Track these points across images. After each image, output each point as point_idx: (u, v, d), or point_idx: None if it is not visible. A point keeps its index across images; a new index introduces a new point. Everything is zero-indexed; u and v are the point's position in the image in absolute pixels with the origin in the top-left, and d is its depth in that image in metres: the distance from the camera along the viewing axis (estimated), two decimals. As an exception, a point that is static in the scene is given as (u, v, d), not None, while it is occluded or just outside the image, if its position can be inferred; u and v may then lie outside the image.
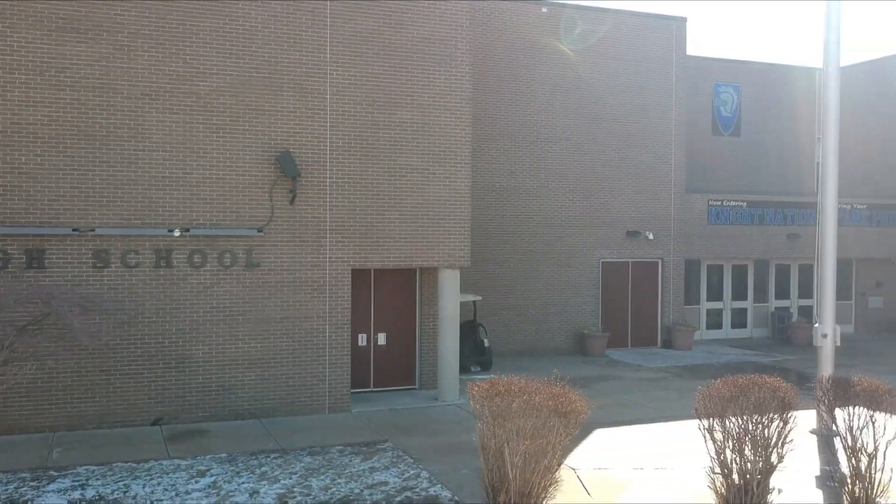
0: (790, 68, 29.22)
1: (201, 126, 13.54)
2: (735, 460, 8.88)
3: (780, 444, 8.75)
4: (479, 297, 19.50)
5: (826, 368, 13.24)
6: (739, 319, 25.52)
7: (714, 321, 25.17)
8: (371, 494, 10.08)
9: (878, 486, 9.02)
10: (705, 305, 25.04)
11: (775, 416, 8.64)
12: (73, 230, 12.79)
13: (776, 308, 25.74)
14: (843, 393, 9.07)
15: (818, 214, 13.56)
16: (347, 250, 14.44)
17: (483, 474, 8.85)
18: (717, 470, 9.05)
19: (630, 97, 22.53)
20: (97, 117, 12.99)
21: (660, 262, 22.92)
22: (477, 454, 9.21)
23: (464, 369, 18.77)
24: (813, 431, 13.18)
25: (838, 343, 13.45)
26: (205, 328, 13.60)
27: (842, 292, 26.65)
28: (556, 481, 8.88)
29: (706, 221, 23.52)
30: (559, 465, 8.73)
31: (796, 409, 8.91)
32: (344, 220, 14.39)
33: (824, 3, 13.07)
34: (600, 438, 12.88)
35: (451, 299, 15.40)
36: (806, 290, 26.57)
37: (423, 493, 10.14)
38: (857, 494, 9.00)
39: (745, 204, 23.93)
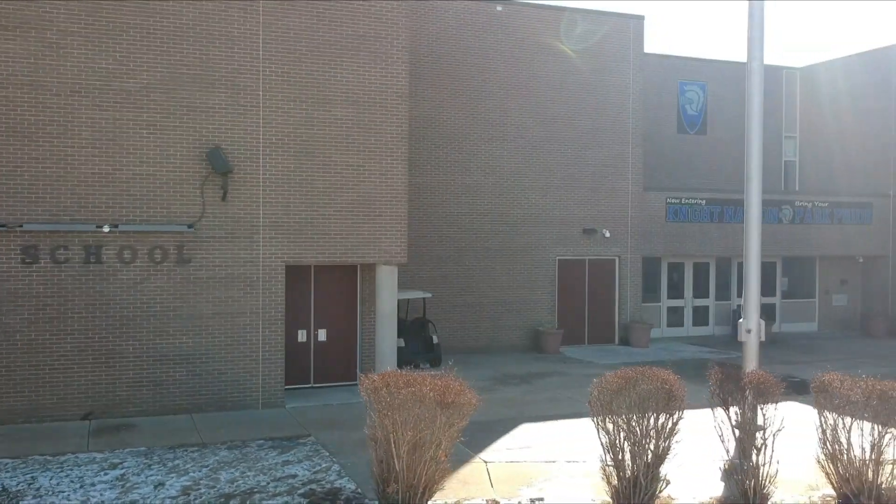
0: (757, 67, 29.25)
1: (131, 123, 13.62)
2: (625, 452, 8.94)
3: (663, 436, 8.81)
4: (430, 294, 19.59)
5: (750, 363, 13.24)
6: (701, 317, 25.58)
7: (675, 319, 25.24)
8: (276, 486, 10.15)
9: (766, 479, 9.09)
10: (666, 303, 25.10)
11: (660, 407, 8.70)
12: (0, 226, 12.86)
13: (738, 306, 25.77)
14: (733, 386, 9.12)
15: (745, 211, 13.59)
16: (281, 246, 14.51)
17: (373, 465, 8.91)
18: (610, 462, 9.10)
19: (587, 95, 22.60)
20: (25, 114, 13.07)
21: (617, 259, 22.98)
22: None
23: (414, 366, 18.85)
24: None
25: (763, 339, 13.43)
26: (135, 323, 13.67)
27: (806, 290, 26.82)
28: (447, 472, 8.93)
29: (664, 219, 23.59)
30: (447, 456, 8.77)
31: (682, 400, 8.96)
32: (277, 217, 14.47)
33: (747, 2, 13.11)
34: (523, 432, 12.97)
35: (388, 295, 15.47)
36: (768, 288, 26.65)
37: (328, 486, 10.21)
38: (745, 486, 9.06)
39: (703, 202, 23.99)
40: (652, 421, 8.77)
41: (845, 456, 9.09)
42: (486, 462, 11.29)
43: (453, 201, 21.37)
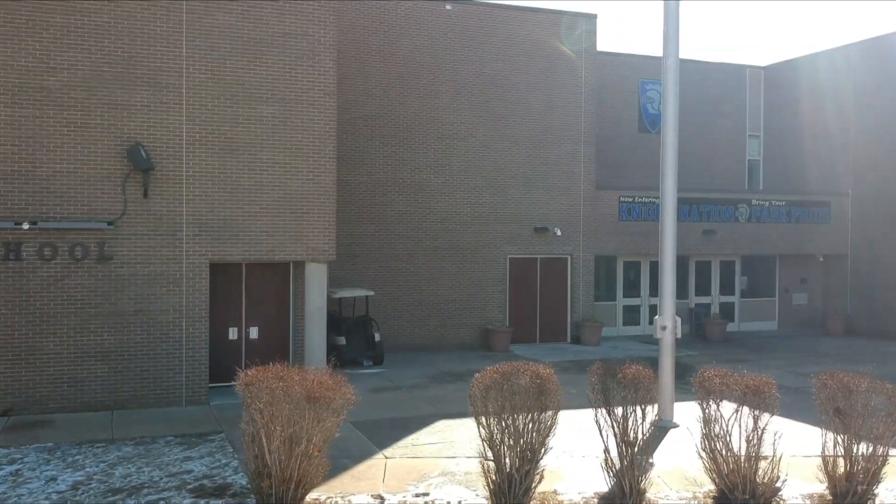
0: (720, 65, 29.37)
1: (52, 120, 13.64)
2: (502, 447, 8.96)
3: (537, 432, 8.82)
4: (372, 293, 19.62)
5: (666, 360, 13.34)
6: (658, 316, 25.54)
7: (631, 317, 25.24)
8: (168, 482, 10.18)
9: (642, 474, 9.11)
10: (622, 301, 25.11)
11: (532, 402, 8.72)
12: (-84, 223, 12.90)
13: (696, 304, 25.81)
14: (610, 380, 9.15)
15: (660, 209, 13.61)
16: (205, 244, 14.54)
17: (248, 461, 8.93)
18: (489, 457, 9.12)
19: (539, 94, 22.62)
20: (-57, 111, 13.11)
21: (569, 258, 23.00)
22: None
23: (356, 364, 18.93)
24: (653, 423, 13.25)
25: (679, 335, 13.54)
26: (56, 320, 13.70)
27: (766, 289, 26.83)
28: (323, 467, 8.94)
29: (617, 218, 23.60)
30: (320, 451, 8.79)
31: (556, 395, 8.98)
32: (201, 214, 14.49)
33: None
34: (437, 429, 13.01)
35: (317, 293, 15.50)
36: (727, 287, 26.67)
37: (220, 481, 10.23)
38: (622, 482, 9.08)
39: (657, 200, 23.91)
40: (524, 416, 8.78)
41: (724, 451, 9.10)
42: (387, 458, 11.32)
43: (403, 199, 21.39)
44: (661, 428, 12.89)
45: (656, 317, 13.59)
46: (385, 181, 21.23)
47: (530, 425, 8.87)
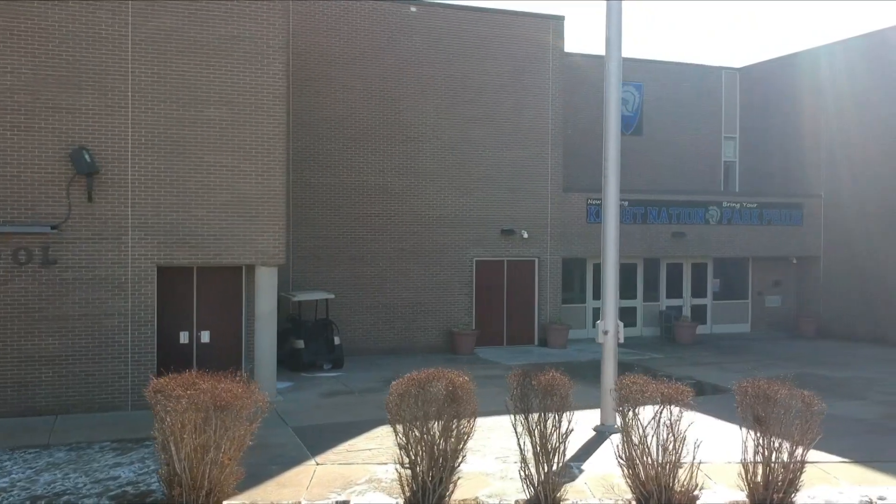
0: (696, 67, 29.30)
1: (-6, 124, 13.60)
2: (416, 454, 8.90)
3: (449, 439, 8.76)
4: (332, 296, 19.56)
5: (608, 364, 13.28)
6: (629, 318, 25.45)
7: (601, 320, 25.12)
8: (91, 489, 10.12)
9: (557, 481, 9.05)
10: (591, 304, 25.04)
11: (445, 409, 8.66)
12: None
13: (667, 307, 25.73)
14: (525, 386, 9.09)
15: (602, 212, 13.53)
16: (151, 248, 14.48)
17: (161, 469, 8.87)
18: (406, 464, 9.06)
19: (506, 96, 22.56)
20: None
21: (536, 260, 22.93)
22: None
23: (316, 367, 18.89)
24: (595, 428, 13.22)
25: (622, 340, 13.48)
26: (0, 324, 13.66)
27: (738, 291, 26.77)
28: (235, 475, 8.88)
29: (585, 220, 23.53)
30: (230, 460, 8.72)
31: (469, 402, 8.93)
32: (147, 218, 14.43)
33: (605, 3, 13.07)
34: (377, 434, 12.90)
35: (267, 297, 15.44)
36: (700, 289, 26.60)
37: (143, 488, 10.17)
38: (538, 489, 9.03)
39: (626, 203, 23.90)
40: (437, 424, 8.72)
41: (642, 459, 9.03)
42: (318, 464, 11.26)
43: (368, 201, 21.32)
44: (602, 433, 12.85)
45: (598, 321, 13.52)
46: (350, 183, 21.17)
47: (444, 433, 8.80)
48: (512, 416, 9.32)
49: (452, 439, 8.85)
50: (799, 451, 9.06)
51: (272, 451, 11.86)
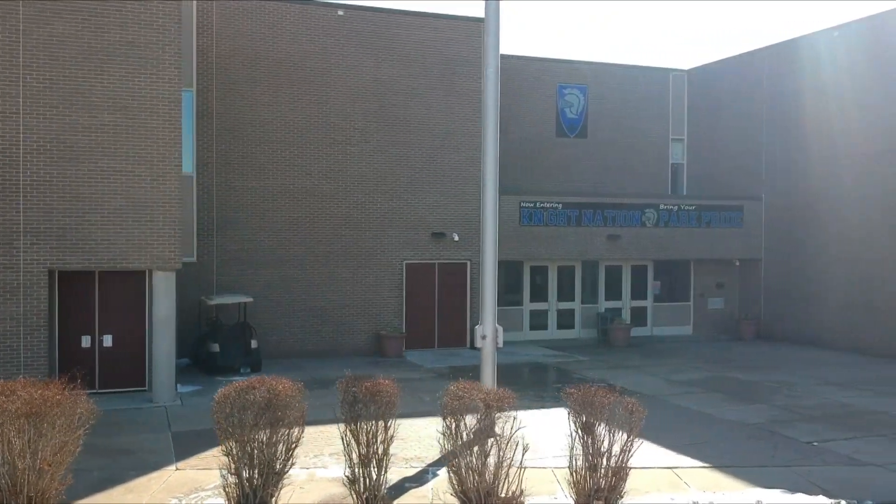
0: (644, 69, 29.32)
1: None
2: (240, 461, 8.95)
3: (272, 444, 8.81)
4: (250, 299, 19.61)
5: (487, 368, 13.31)
6: (567, 320, 25.54)
7: (539, 322, 25.19)
8: (-64, 494, 10.17)
9: (378, 487, 9.10)
10: (528, 306, 25.07)
11: (261, 416, 8.71)
12: None
13: (606, 309, 25.75)
14: (350, 392, 9.14)
15: (481, 216, 13.54)
16: (43, 253, 14.54)
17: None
18: (232, 470, 9.11)
19: (437, 99, 22.59)
20: None
21: (468, 263, 22.96)
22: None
23: (233, 371, 18.89)
24: (477, 431, 13.23)
25: (500, 344, 13.51)
26: None
27: (680, 293, 26.79)
28: (59, 482, 8.91)
29: (518, 223, 23.56)
30: (50, 466, 8.76)
31: (294, 410, 8.99)
32: (39, 223, 14.50)
33: (483, 4, 13.10)
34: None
35: (164, 301, 15.50)
36: (640, 292, 26.62)
37: (-12, 494, 10.22)
38: (360, 489, 9.09)
39: (560, 205, 23.95)
40: (263, 431, 8.76)
41: (467, 465, 9.07)
42: (177, 469, 11.32)
43: (295, 205, 21.37)
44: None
45: (477, 325, 13.56)
46: (277, 186, 21.22)
47: (267, 440, 8.85)
48: (341, 425, 9.35)
49: (276, 446, 8.88)
50: (622, 456, 9.09)
51: (139, 457, 11.94)
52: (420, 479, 10.90)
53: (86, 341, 15.92)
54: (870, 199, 22.65)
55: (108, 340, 16.08)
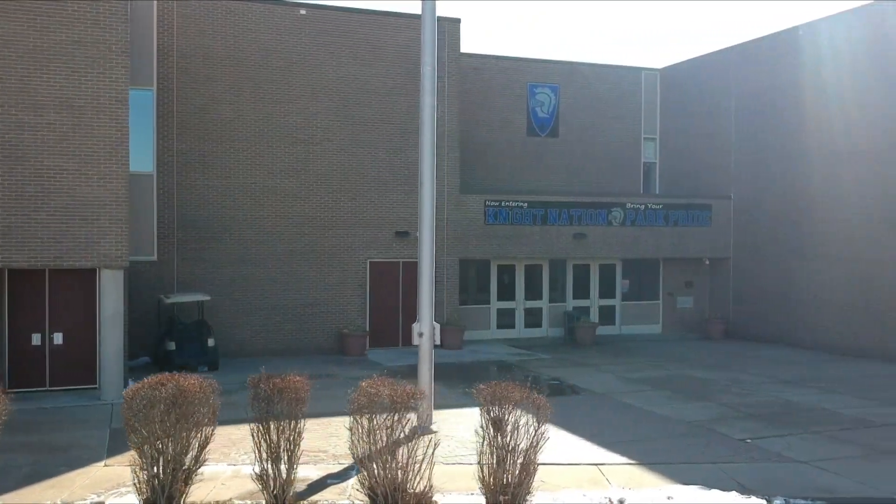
0: (616, 68, 29.36)
1: None
2: (150, 456, 9.01)
3: (177, 442, 8.88)
4: (207, 297, 19.67)
5: (424, 366, 13.37)
6: (534, 319, 25.59)
7: (506, 321, 25.24)
8: None
9: (287, 484, 9.17)
10: (496, 305, 25.13)
11: (167, 413, 8.78)
12: None
13: (573, 308, 25.80)
14: (259, 390, 9.22)
15: (419, 214, 13.60)
16: (-12, 251, 14.62)
17: None
18: (143, 466, 9.16)
19: (400, 99, 22.64)
20: None
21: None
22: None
23: (189, 369, 18.89)
24: (413, 429, 13.29)
25: (438, 342, 13.58)
26: None
27: (649, 292, 26.84)
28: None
29: (483, 222, 23.61)
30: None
31: (204, 407, 9.06)
32: (-16, 221, 14.58)
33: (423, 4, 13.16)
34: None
35: (111, 299, 15.58)
36: (608, 291, 26.67)
37: None
38: (270, 486, 9.17)
39: (525, 204, 24.00)
40: (169, 426, 8.83)
41: (374, 460, 9.14)
42: (106, 465, 11.40)
43: (257, 203, 21.44)
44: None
45: (414, 323, 13.62)
46: (238, 185, 21.28)
47: (173, 436, 8.92)
48: (252, 424, 9.42)
49: (183, 442, 8.95)
50: (529, 453, 9.14)
51: (73, 453, 12.02)
52: (344, 475, 10.96)
53: (36, 339, 16.00)
54: (839, 197, 22.67)
55: (58, 338, 16.15)
